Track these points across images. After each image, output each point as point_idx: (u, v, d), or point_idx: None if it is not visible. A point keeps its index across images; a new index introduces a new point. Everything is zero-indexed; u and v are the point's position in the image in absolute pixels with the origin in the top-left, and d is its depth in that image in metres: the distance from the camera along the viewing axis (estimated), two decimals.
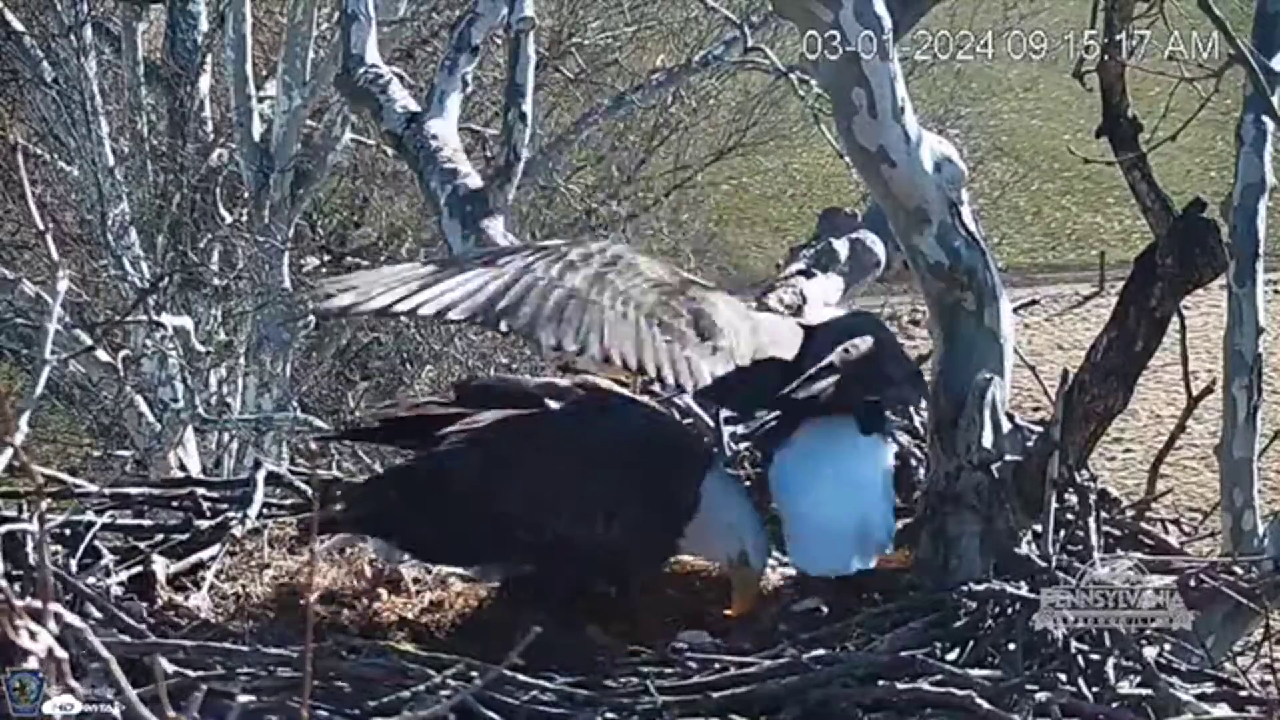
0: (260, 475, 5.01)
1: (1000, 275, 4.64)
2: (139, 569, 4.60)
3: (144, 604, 4.43)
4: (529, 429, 4.38)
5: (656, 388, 5.16)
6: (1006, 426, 4.58)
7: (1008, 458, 4.52)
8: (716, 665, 4.08)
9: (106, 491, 5.01)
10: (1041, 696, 4.01)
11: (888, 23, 4.31)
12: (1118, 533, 4.83)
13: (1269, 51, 5.01)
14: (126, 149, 15.74)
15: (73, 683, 2.12)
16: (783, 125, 24.02)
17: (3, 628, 2.03)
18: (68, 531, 4.67)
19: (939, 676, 4.03)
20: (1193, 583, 4.48)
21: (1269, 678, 4.48)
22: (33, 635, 2.03)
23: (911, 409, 5.15)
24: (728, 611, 4.44)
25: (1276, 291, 18.46)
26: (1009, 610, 4.21)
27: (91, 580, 4.41)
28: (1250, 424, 5.07)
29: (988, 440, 4.54)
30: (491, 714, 3.77)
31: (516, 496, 4.28)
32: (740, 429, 4.93)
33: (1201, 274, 4.37)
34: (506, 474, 4.31)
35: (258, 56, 16.02)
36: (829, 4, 4.25)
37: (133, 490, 5.10)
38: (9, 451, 2.23)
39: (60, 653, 2.08)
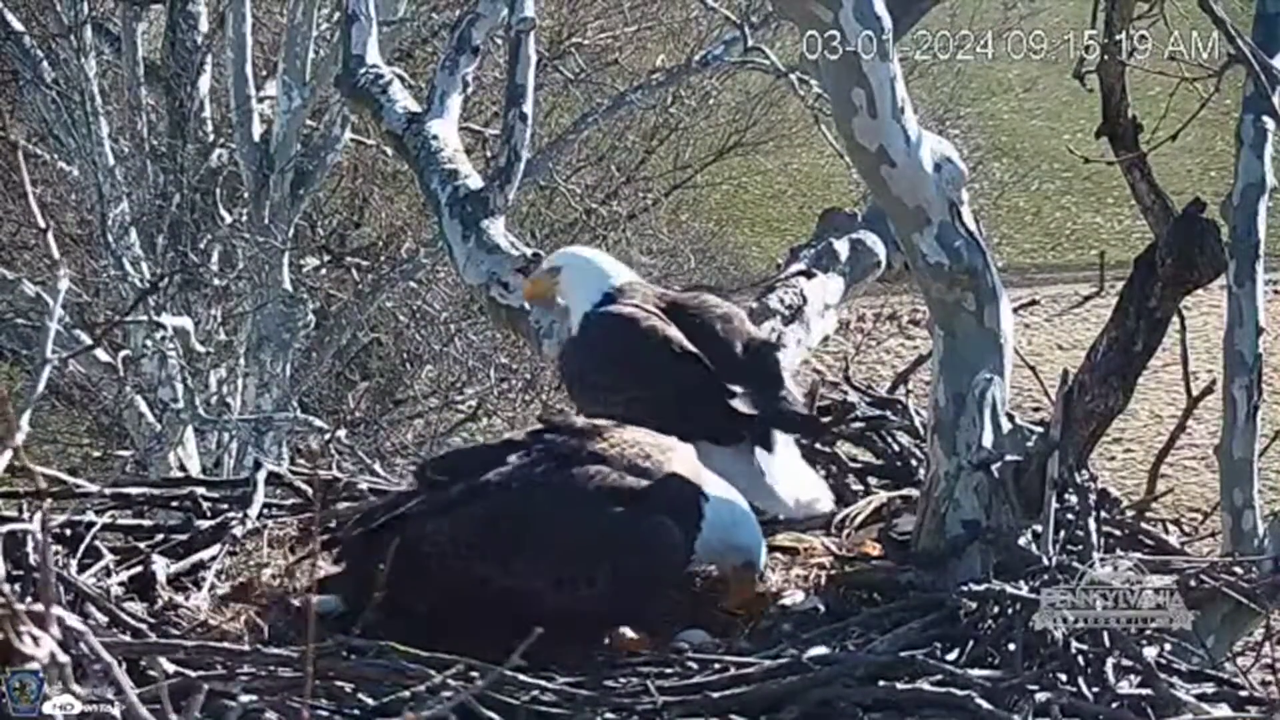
0: (260, 475, 5.01)
1: (1000, 275, 4.63)
2: (139, 569, 4.60)
3: (144, 604, 4.43)
4: (512, 495, 4.24)
5: None
6: (1006, 426, 4.58)
7: (1008, 458, 4.52)
8: (716, 665, 4.08)
9: (106, 491, 5.01)
10: (1041, 696, 4.01)
11: (888, 23, 4.31)
12: (1118, 533, 4.83)
13: (1269, 51, 5.00)
14: (126, 149, 15.74)
15: (74, 685, 2.11)
16: (782, 125, 24.03)
17: (5, 632, 2.02)
18: (68, 531, 4.67)
19: (939, 676, 4.03)
20: (1193, 583, 4.47)
21: (1269, 678, 4.47)
22: (35, 640, 2.02)
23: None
24: (725, 604, 4.44)
25: (1276, 291, 18.46)
26: (1009, 610, 4.21)
27: (92, 580, 4.41)
28: (1250, 424, 5.06)
29: (988, 440, 4.54)
30: (491, 714, 3.77)
31: (499, 575, 4.18)
32: None
33: (1201, 274, 4.37)
34: (486, 555, 4.20)
35: (258, 56, 16.01)
36: (829, 4, 4.25)
37: (133, 490, 5.10)
38: (9, 452, 2.22)
39: (62, 657, 2.07)
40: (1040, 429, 4.59)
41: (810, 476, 4.95)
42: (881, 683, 4.03)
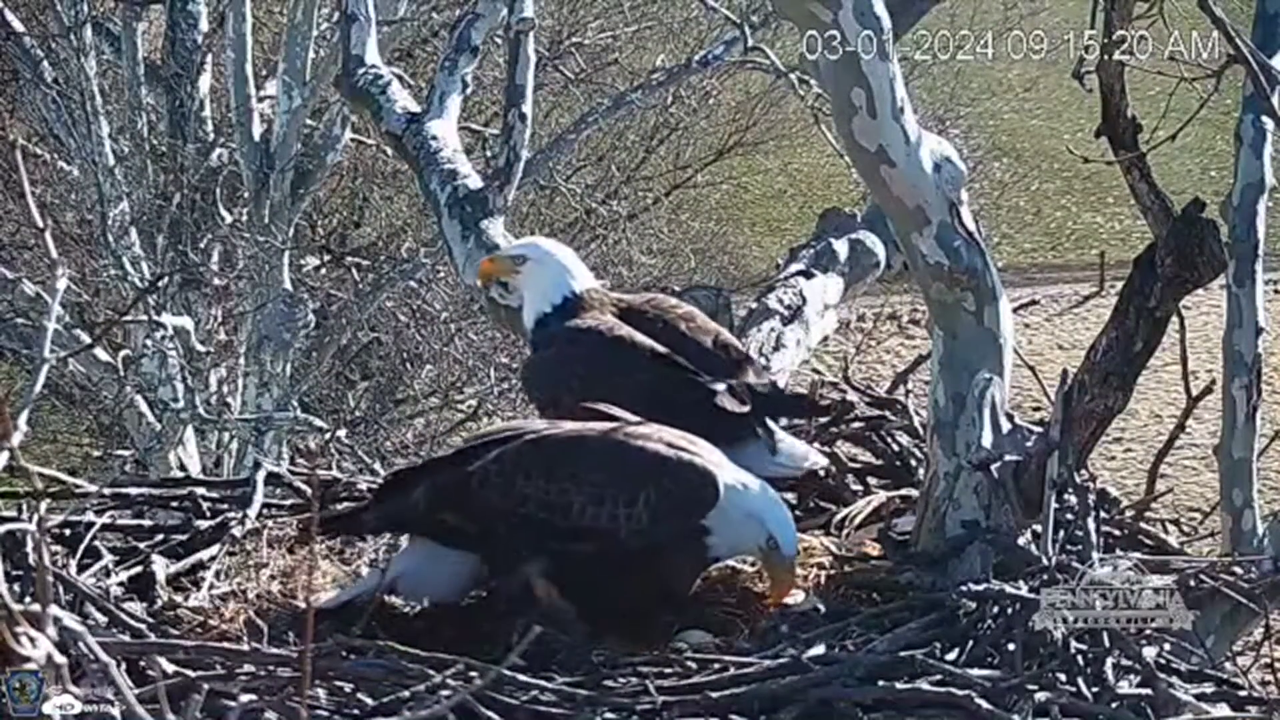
0: (260, 475, 5.01)
1: (1000, 275, 4.64)
2: (139, 569, 4.60)
3: (143, 604, 4.43)
4: (550, 438, 4.42)
5: None
6: (1006, 426, 4.58)
7: (1008, 458, 4.52)
8: (716, 665, 4.08)
9: (106, 491, 5.01)
10: (1041, 696, 4.01)
11: (887, 23, 4.31)
12: (1118, 533, 4.83)
13: (1269, 51, 5.01)
14: (126, 149, 15.73)
15: (72, 686, 2.11)
16: (783, 125, 24.04)
17: (2, 632, 2.01)
18: (68, 532, 4.67)
19: (939, 676, 4.03)
20: (1193, 583, 4.48)
21: (1269, 678, 4.48)
22: (32, 641, 2.01)
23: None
24: (768, 599, 4.46)
25: (1277, 291, 18.48)
26: (1009, 610, 4.21)
27: (91, 580, 4.41)
28: (1250, 424, 5.08)
29: (988, 440, 4.54)
30: (491, 714, 3.77)
31: (542, 492, 4.31)
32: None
33: (1201, 274, 4.37)
34: (531, 474, 4.33)
35: (258, 56, 16.00)
36: (829, 4, 4.25)
37: (133, 490, 5.10)
38: (6, 453, 2.21)
39: (59, 658, 2.07)
40: (1040, 429, 4.59)
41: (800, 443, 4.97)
42: (881, 683, 4.03)
